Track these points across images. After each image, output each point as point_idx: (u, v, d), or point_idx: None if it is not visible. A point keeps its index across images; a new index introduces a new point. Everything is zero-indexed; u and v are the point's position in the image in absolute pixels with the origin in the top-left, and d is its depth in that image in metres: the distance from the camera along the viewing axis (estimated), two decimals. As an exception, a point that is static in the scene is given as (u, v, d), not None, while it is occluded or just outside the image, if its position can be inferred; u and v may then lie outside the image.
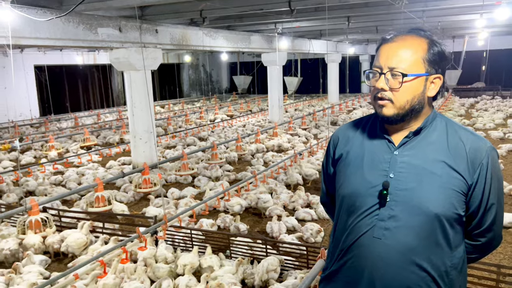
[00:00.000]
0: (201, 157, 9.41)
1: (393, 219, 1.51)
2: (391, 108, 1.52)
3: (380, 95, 1.52)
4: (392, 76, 1.50)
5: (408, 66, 1.49)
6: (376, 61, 1.56)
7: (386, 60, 1.51)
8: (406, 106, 1.51)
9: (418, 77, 1.51)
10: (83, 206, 6.11)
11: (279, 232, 5.19)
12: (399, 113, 1.52)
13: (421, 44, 1.52)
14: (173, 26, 9.12)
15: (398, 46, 1.52)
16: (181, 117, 16.43)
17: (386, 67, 1.51)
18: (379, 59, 1.54)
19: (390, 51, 1.52)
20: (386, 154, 1.58)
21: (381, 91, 1.52)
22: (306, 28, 12.89)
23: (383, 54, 1.53)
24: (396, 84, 1.50)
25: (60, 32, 6.72)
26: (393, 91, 1.50)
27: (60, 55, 17.21)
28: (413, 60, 1.50)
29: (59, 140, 11.83)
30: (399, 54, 1.50)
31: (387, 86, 1.51)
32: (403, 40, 1.53)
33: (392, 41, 1.54)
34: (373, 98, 1.57)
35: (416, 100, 1.52)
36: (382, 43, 1.57)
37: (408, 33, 1.55)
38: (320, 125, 13.84)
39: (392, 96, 1.51)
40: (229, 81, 28.71)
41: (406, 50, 1.51)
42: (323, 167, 1.87)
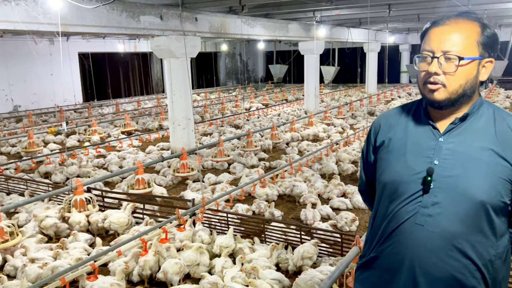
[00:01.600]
0: (236, 145, 9.54)
1: (437, 206, 1.51)
2: (443, 92, 1.50)
3: (432, 79, 1.50)
4: (445, 60, 1.48)
5: (463, 49, 1.47)
6: (425, 45, 1.54)
7: (439, 43, 1.49)
8: (459, 90, 1.49)
9: (472, 61, 1.49)
10: (124, 188, 6.37)
11: (313, 219, 5.23)
12: (451, 97, 1.50)
13: (473, 27, 1.50)
14: (212, 14, 9.22)
15: (451, 29, 1.49)
16: (218, 105, 16.64)
17: (439, 50, 1.48)
18: (430, 42, 1.52)
19: (442, 34, 1.50)
20: (431, 140, 1.57)
21: (433, 75, 1.49)
22: (346, 16, 12.68)
23: (435, 37, 1.51)
24: (451, 67, 1.48)
25: (104, 20, 6.96)
26: (447, 75, 1.48)
27: (103, 43, 17.76)
28: (467, 43, 1.48)
29: (101, 125, 12.28)
30: (453, 37, 1.48)
31: (440, 70, 1.49)
32: (455, 23, 1.50)
33: (444, 24, 1.51)
34: (422, 83, 1.55)
35: (469, 85, 1.50)
36: (431, 26, 1.55)
37: (459, 17, 1.53)
38: (357, 115, 13.66)
39: (445, 80, 1.49)
40: (265, 70, 28.70)
41: (460, 33, 1.48)
42: (363, 154, 1.86)
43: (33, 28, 5.75)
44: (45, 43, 16.15)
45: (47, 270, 3.81)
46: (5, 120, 13.79)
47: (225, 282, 3.74)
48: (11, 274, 4.14)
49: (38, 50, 15.27)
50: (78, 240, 4.69)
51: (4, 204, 5.79)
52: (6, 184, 6.60)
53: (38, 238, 4.70)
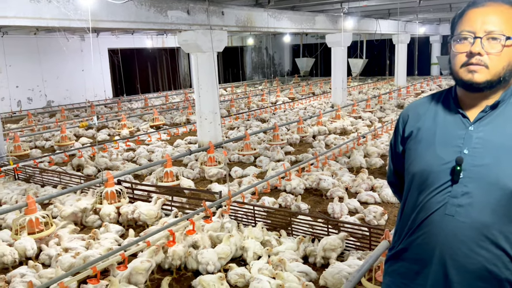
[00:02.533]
0: (262, 138, 9.55)
1: (467, 196, 1.47)
2: (485, 74, 1.45)
3: (475, 60, 1.45)
4: (489, 41, 1.44)
5: (507, 29, 1.43)
6: (464, 26, 1.49)
7: (482, 23, 1.45)
8: (501, 73, 1.45)
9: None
10: (153, 181, 6.49)
11: (341, 213, 5.19)
12: (492, 80, 1.45)
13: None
14: (238, 8, 9.22)
15: (493, 11, 1.46)
16: (244, 99, 16.67)
17: (482, 30, 1.44)
18: (471, 23, 1.47)
19: (485, 15, 1.46)
20: (460, 129, 1.54)
21: (476, 55, 1.45)
22: (374, 7, 12.44)
23: (476, 18, 1.47)
24: (496, 47, 1.43)
25: (133, 15, 7.07)
26: (490, 56, 1.44)
27: (132, 39, 18.07)
28: (510, 25, 1.44)
29: (130, 119, 12.54)
30: (495, 18, 1.45)
31: (483, 50, 1.44)
32: (496, 6, 1.47)
33: (484, 6, 1.47)
34: (460, 65, 1.50)
35: (510, 68, 1.46)
36: (470, 7, 1.50)
37: (497, 1, 1.48)
38: (386, 108, 13.42)
39: (488, 61, 1.44)
40: (291, 63, 28.54)
41: (502, 15, 1.45)
42: (391, 146, 1.84)
43: (64, 24, 5.91)
44: (76, 39, 16.58)
45: (79, 260, 3.93)
46: (39, 115, 14.26)
47: (252, 274, 3.76)
48: (46, 262, 4.30)
49: (69, 46, 15.69)
50: (109, 231, 4.82)
51: (38, 196, 6.00)
52: (40, 177, 6.84)
53: (71, 228, 4.86)
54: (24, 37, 15.11)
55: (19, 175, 6.99)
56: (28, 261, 4.21)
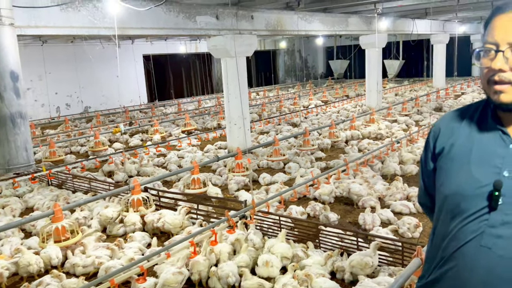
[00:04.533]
0: (293, 143, 9.35)
1: (508, 226, 1.27)
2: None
3: (497, 77, 1.26)
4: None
5: None
6: (488, 36, 1.29)
7: (506, 33, 1.24)
8: None
9: None
10: (180, 187, 6.44)
11: (373, 224, 4.93)
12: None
13: None
14: (268, 12, 9.10)
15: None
16: (275, 103, 16.51)
17: (505, 42, 1.24)
18: (494, 33, 1.27)
19: (509, 23, 1.25)
20: (500, 148, 1.33)
21: (498, 72, 1.25)
22: (410, 6, 11.98)
23: (500, 27, 1.26)
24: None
25: (162, 22, 7.09)
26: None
27: (165, 45, 18.34)
28: None
29: (163, 124, 12.65)
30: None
31: (507, 66, 1.24)
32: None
33: (511, 11, 1.26)
34: (486, 81, 1.30)
35: None
36: (495, 14, 1.30)
37: None
38: (423, 111, 12.88)
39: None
40: (325, 66, 28.14)
41: None
42: (422, 162, 1.64)
43: (93, 32, 5.98)
44: (112, 46, 16.97)
45: (101, 271, 3.89)
46: (76, 121, 14.68)
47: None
48: (71, 271, 4.30)
49: (105, 53, 16.08)
50: (134, 240, 4.79)
51: (69, 202, 6.08)
52: (72, 183, 6.95)
53: (97, 236, 4.86)
54: (62, 45, 15.62)
55: (52, 181, 7.13)
56: (52, 270, 4.22)
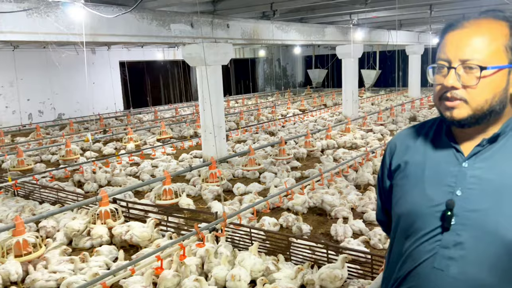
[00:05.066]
0: (269, 153, 9.31)
1: (460, 247, 1.22)
2: (465, 109, 1.21)
3: (449, 94, 1.22)
4: (465, 70, 1.20)
5: (486, 56, 1.19)
6: (441, 53, 1.26)
7: (456, 50, 1.21)
8: (485, 106, 1.20)
9: (500, 70, 1.20)
10: (152, 198, 6.30)
11: (344, 235, 4.90)
12: (475, 115, 1.21)
13: (500, 28, 1.21)
14: (244, 20, 9.08)
15: (471, 33, 1.21)
16: (254, 111, 16.49)
17: (457, 59, 1.21)
18: (446, 50, 1.24)
19: (461, 39, 1.22)
20: (453, 166, 1.29)
21: (451, 89, 1.22)
22: (384, 18, 12.17)
23: (451, 43, 1.23)
24: (471, 80, 1.19)
25: (135, 29, 6.96)
26: (468, 89, 1.20)
27: (142, 52, 18.14)
28: (492, 48, 1.19)
29: (139, 132, 12.44)
30: (473, 42, 1.20)
31: (459, 83, 1.21)
32: (477, 25, 1.22)
33: (462, 27, 1.23)
34: (438, 98, 1.27)
35: (497, 99, 1.21)
36: (447, 30, 1.26)
37: (482, 16, 1.24)
38: (398, 121, 13.05)
39: (466, 95, 1.20)
40: (304, 74, 28.34)
41: (482, 36, 1.20)
42: (379, 179, 1.59)
43: (62, 39, 5.82)
44: (87, 52, 16.69)
45: (62, 286, 3.73)
46: (49, 128, 14.31)
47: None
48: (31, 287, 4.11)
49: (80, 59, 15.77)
50: (100, 254, 4.63)
51: (35, 214, 5.87)
52: (39, 193, 6.72)
53: (61, 249, 4.68)
54: (35, 50, 15.25)
55: (18, 192, 6.89)
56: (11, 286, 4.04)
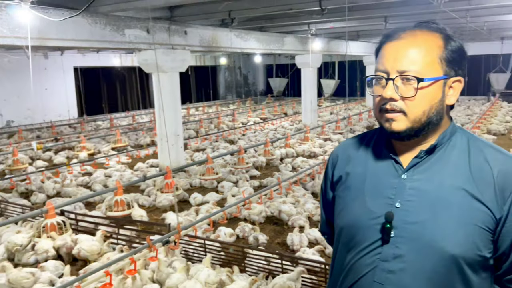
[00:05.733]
0: (228, 161, 9.22)
1: (399, 260, 1.21)
2: (403, 121, 1.21)
3: (388, 106, 1.21)
4: (403, 82, 1.19)
5: (422, 68, 1.19)
6: (379, 64, 1.25)
7: (394, 62, 1.20)
8: (422, 118, 1.20)
9: (436, 82, 1.20)
10: (103, 210, 6.04)
11: (300, 245, 4.88)
12: (413, 127, 1.21)
13: (435, 40, 1.21)
14: (202, 28, 8.99)
15: (407, 44, 1.21)
16: (214, 119, 16.36)
17: (395, 71, 1.20)
18: (384, 61, 1.23)
19: (398, 50, 1.21)
20: (393, 178, 1.27)
21: (389, 101, 1.21)
22: (341, 29, 12.45)
23: (389, 55, 1.22)
24: (409, 91, 1.19)
25: (86, 34, 6.71)
26: (406, 100, 1.20)
27: (98, 57, 17.61)
28: (428, 60, 1.19)
29: (93, 141, 12.01)
30: (410, 53, 1.19)
31: (397, 94, 1.20)
32: (413, 37, 1.22)
33: (398, 39, 1.23)
34: (378, 110, 1.26)
35: (434, 111, 1.21)
36: (385, 41, 1.26)
37: (418, 28, 1.24)
38: (356, 129, 13.33)
39: (404, 107, 1.20)
40: (265, 83, 28.51)
41: (418, 48, 1.20)
42: (322, 190, 1.57)
43: (5, 42, 5.52)
44: (39, 57, 16.02)
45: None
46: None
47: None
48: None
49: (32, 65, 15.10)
50: (46, 270, 4.36)
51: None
52: (-20, 206, 6.29)
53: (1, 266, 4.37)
54: (-19, 54, 14.46)
55: (-43, 204, 6.41)
56: None
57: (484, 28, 12.41)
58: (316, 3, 7.28)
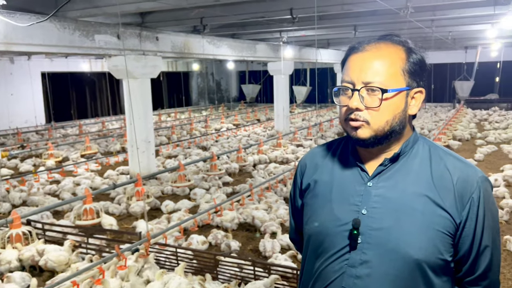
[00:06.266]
0: (201, 168, 9.18)
1: (366, 265, 1.25)
2: (368, 129, 1.26)
3: (354, 116, 1.26)
4: (368, 93, 1.24)
5: (386, 79, 1.24)
6: (345, 75, 1.29)
7: (360, 73, 1.25)
8: (386, 127, 1.25)
9: (399, 92, 1.25)
10: (71, 219, 5.90)
11: (272, 251, 4.90)
12: (377, 135, 1.26)
13: (398, 53, 1.27)
14: (174, 34, 8.95)
15: (372, 56, 1.26)
16: (187, 125, 16.26)
17: (360, 82, 1.25)
18: (349, 72, 1.28)
19: (363, 62, 1.26)
20: (359, 185, 1.32)
21: (355, 111, 1.25)
22: (312, 37, 12.66)
23: (355, 66, 1.27)
24: (374, 102, 1.24)
25: (55, 39, 6.57)
26: (370, 110, 1.25)
27: (66, 62, 17.22)
28: (392, 72, 1.24)
29: (61, 148, 11.71)
30: (374, 65, 1.25)
31: (363, 105, 1.24)
32: (377, 49, 1.27)
33: (363, 51, 1.28)
34: (344, 119, 1.30)
35: (397, 120, 1.26)
36: (350, 53, 1.31)
37: (381, 40, 1.29)
38: (327, 136, 13.53)
39: (368, 117, 1.25)
40: (238, 89, 28.57)
41: (382, 60, 1.25)
42: (291, 198, 1.60)
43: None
44: (5, 62, 15.52)
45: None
46: (-42, 143, 13.01)
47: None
48: None
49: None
50: (12, 281, 4.21)
51: None
52: None
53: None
54: None
55: None
56: None
57: (448, 38, 12.89)
58: (287, 11, 7.38)
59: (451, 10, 8.18)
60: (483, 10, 7.98)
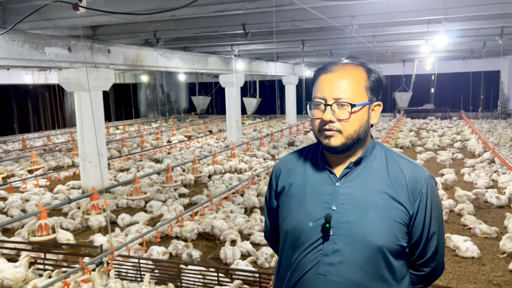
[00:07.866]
0: (155, 180, 9.14)
1: (337, 254, 1.47)
2: (339, 138, 1.48)
3: (327, 127, 1.49)
4: (338, 107, 1.47)
5: (353, 95, 1.48)
6: (317, 92, 1.52)
7: (331, 91, 1.48)
8: (354, 135, 1.49)
9: (363, 106, 1.50)
10: (24, 235, 5.71)
11: (233, 258, 5.05)
12: (347, 142, 1.49)
13: (360, 73, 1.52)
14: (126, 46, 8.94)
15: (340, 76, 1.50)
16: (137, 138, 16.02)
17: (331, 98, 1.48)
18: (322, 90, 1.51)
19: (333, 81, 1.49)
20: (328, 185, 1.54)
21: (328, 123, 1.48)
22: (262, 50, 13.05)
23: (326, 85, 1.50)
24: (344, 114, 1.47)
25: (3, 51, 6.39)
26: (342, 122, 1.48)
27: (8, 74, 16.43)
28: (357, 89, 1.49)
29: (4, 163, 11.16)
30: (342, 84, 1.48)
31: (335, 117, 1.47)
32: (343, 70, 1.51)
33: (332, 71, 1.51)
34: (318, 129, 1.53)
35: (362, 129, 1.51)
36: (320, 73, 1.54)
37: (346, 62, 1.54)
38: (278, 146, 13.90)
39: (340, 127, 1.48)
40: (188, 101, 28.48)
41: (349, 79, 1.49)
42: (266, 200, 1.80)
43: None
44: None
45: None
46: None
47: None
48: None
49: None
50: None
51: None
52: None
53: None
54: None
55: None
56: None
57: (388, 52, 13.81)
58: (240, 26, 7.64)
59: (391, 27, 8.85)
60: (419, 28, 8.72)
